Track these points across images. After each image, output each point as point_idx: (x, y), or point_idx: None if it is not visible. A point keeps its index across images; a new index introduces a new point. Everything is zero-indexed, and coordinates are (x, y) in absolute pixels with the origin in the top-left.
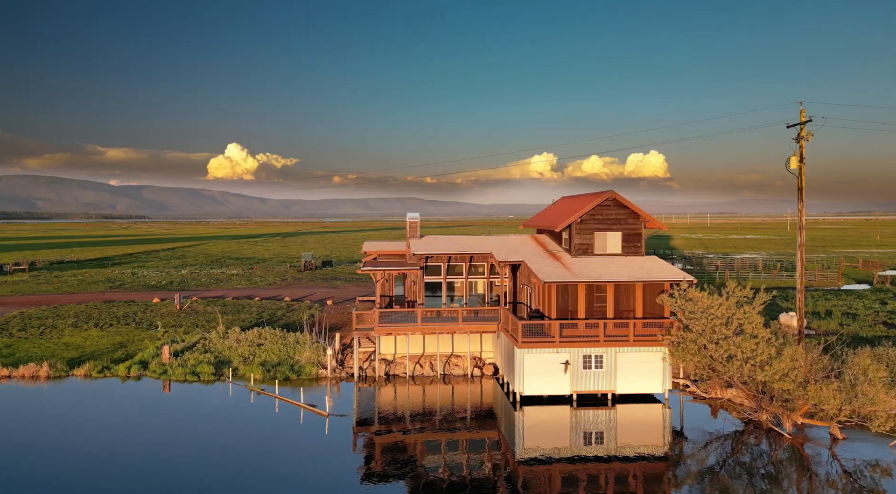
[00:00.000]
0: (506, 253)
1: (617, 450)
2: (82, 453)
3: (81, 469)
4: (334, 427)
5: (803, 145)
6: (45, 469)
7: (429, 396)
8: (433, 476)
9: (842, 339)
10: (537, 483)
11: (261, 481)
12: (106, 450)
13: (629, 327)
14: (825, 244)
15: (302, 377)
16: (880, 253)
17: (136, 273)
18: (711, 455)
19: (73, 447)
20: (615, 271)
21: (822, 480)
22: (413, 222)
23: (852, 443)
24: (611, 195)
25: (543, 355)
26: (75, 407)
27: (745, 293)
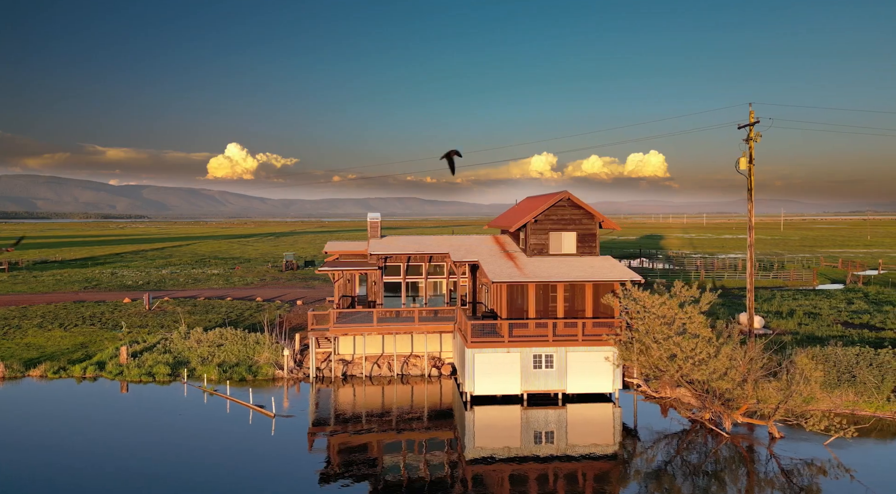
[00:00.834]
0: (462, 253)
1: (566, 449)
2: (23, 451)
3: (19, 467)
4: (280, 428)
5: (752, 146)
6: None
7: (385, 396)
8: (383, 476)
9: (796, 338)
10: (486, 482)
11: (200, 482)
12: (48, 450)
13: (578, 326)
14: (814, 244)
15: (258, 378)
16: (865, 253)
17: (116, 273)
18: (657, 454)
19: (12, 444)
20: (566, 271)
21: (760, 478)
22: (374, 222)
23: (790, 442)
24: (565, 195)
25: (494, 354)
26: (25, 407)
27: (691, 293)
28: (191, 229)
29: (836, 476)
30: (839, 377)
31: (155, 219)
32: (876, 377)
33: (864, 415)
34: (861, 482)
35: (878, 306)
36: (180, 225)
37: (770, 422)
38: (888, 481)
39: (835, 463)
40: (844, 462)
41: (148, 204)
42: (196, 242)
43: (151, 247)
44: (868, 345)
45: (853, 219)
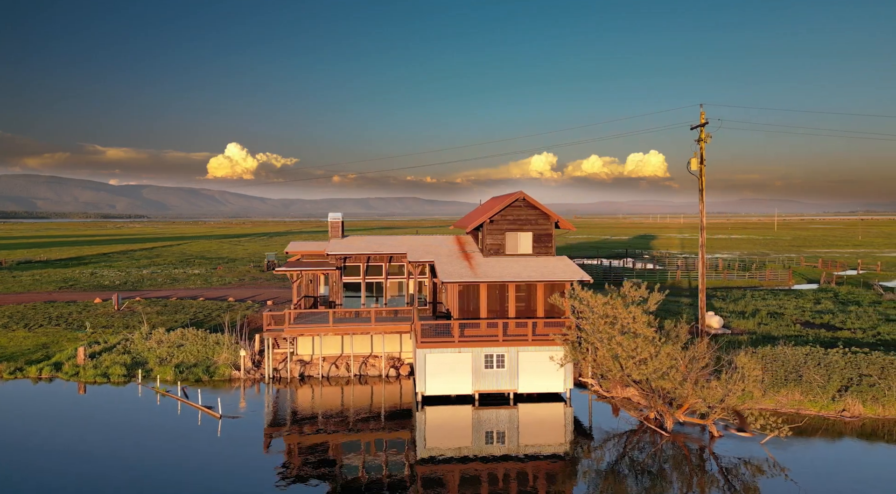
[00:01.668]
0: (419, 254)
1: (517, 449)
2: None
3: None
4: (226, 430)
5: (703, 147)
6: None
7: (341, 397)
8: (334, 476)
9: (752, 338)
10: (437, 483)
11: (139, 482)
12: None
13: (528, 326)
14: (803, 244)
15: (215, 379)
16: (851, 253)
17: (96, 273)
18: (604, 454)
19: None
20: (518, 271)
21: (699, 477)
22: (334, 222)
23: (729, 441)
24: (520, 196)
25: (445, 354)
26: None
27: (640, 293)
28: (187, 229)
29: (772, 474)
30: (786, 376)
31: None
32: (822, 376)
33: (809, 414)
34: (794, 480)
35: (844, 306)
36: (178, 225)
37: (710, 421)
38: (820, 479)
39: (770, 462)
40: (780, 461)
41: (148, 204)
42: (187, 242)
43: (141, 247)
44: (821, 345)
45: (850, 219)
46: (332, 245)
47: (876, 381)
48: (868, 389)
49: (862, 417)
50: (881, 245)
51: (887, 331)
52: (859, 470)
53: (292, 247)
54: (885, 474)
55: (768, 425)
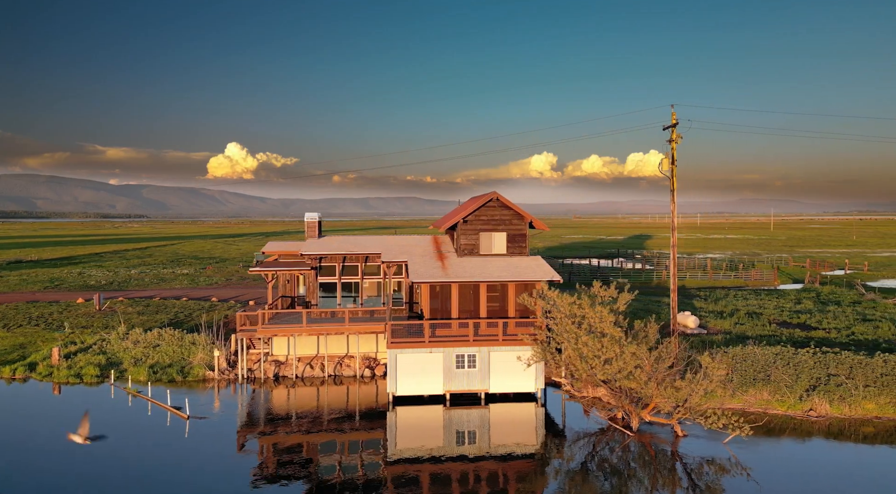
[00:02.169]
0: (393, 254)
1: (488, 449)
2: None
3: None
4: (194, 430)
5: (674, 147)
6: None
7: (314, 398)
8: (304, 477)
9: (727, 338)
10: (407, 483)
11: (102, 482)
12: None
13: (499, 326)
14: (797, 244)
15: (188, 380)
16: (843, 253)
17: (84, 273)
18: (573, 454)
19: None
20: (490, 271)
21: (664, 477)
22: (311, 222)
23: (694, 440)
24: (494, 196)
25: (416, 355)
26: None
27: (610, 293)
28: (184, 229)
29: (734, 474)
30: (755, 376)
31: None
32: (791, 376)
33: (776, 414)
34: (756, 480)
35: (824, 306)
36: (177, 225)
37: (674, 421)
38: (782, 478)
39: (733, 462)
40: (742, 461)
41: (148, 204)
42: (181, 241)
43: (134, 247)
44: (794, 345)
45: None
46: (306, 245)
47: (843, 381)
48: (835, 389)
49: (828, 416)
50: (874, 245)
51: (861, 331)
52: (821, 469)
53: (269, 247)
54: (847, 473)
55: (730, 424)
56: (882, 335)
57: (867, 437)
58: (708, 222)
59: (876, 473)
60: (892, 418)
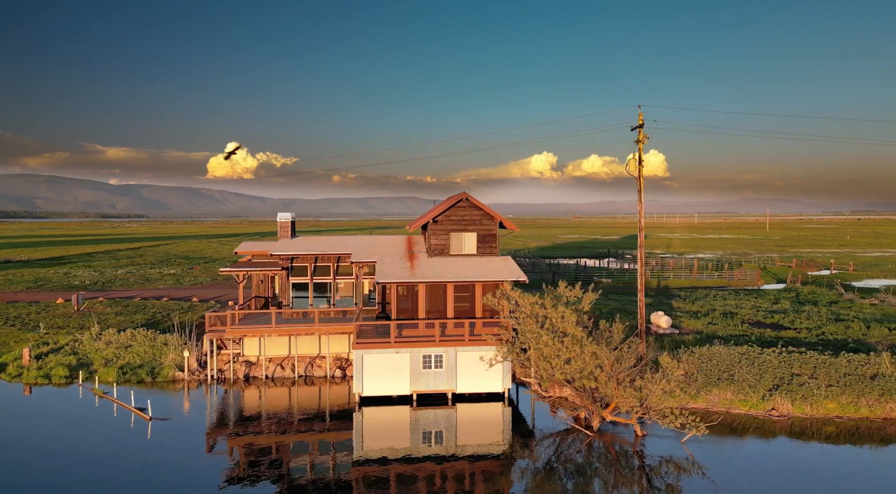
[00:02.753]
0: (364, 254)
1: (454, 450)
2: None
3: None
4: (156, 432)
5: (641, 148)
6: None
7: (283, 398)
8: (270, 477)
9: (698, 338)
10: (372, 484)
11: (66, 483)
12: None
13: (465, 327)
14: (788, 244)
15: (158, 380)
16: (833, 253)
17: (70, 273)
18: (537, 453)
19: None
20: (457, 271)
21: (622, 476)
22: (283, 223)
23: (654, 439)
24: (463, 196)
25: (383, 355)
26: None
27: (574, 293)
28: (182, 229)
29: (690, 473)
30: (719, 376)
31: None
32: (754, 376)
33: (739, 413)
34: (711, 479)
35: (800, 306)
36: (175, 224)
37: (633, 420)
38: (737, 477)
39: (690, 461)
40: (700, 460)
41: (148, 203)
42: (175, 241)
43: (127, 247)
44: (763, 344)
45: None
46: (277, 246)
47: (806, 381)
48: (798, 388)
49: (790, 416)
50: (866, 245)
51: (832, 331)
52: (777, 468)
53: (243, 247)
54: (803, 472)
55: (687, 423)
56: (852, 334)
57: (828, 436)
58: (706, 222)
59: (832, 472)
60: (853, 417)
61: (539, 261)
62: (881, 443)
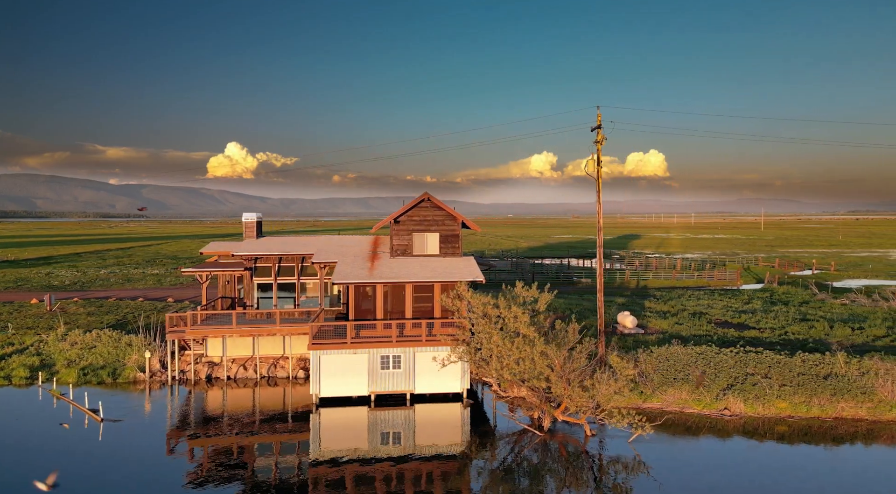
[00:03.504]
0: (326, 254)
1: (411, 450)
2: None
3: None
4: (107, 433)
5: (599, 149)
6: None
7: (244, 399)
8: (226, 479)
9: (661, 338)
10: (329, 484)
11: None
12: None
13: (422, 327)
14: (778, 244)
15: (119, 381)
16: (821, 253)
17: (52, 273)
18: (491, 453)
19: None
20: (416, 271)
21: (570, 476)
22: (248, 223)
23: (604, 439)
24: (425, 196)
25: (340, 356)
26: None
27: (531, 294)
28: (179, 229)
29: (636, 472)
30: (675, 375)
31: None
32: (709, 376)
33: (692, 413)
34: (655, 477)
35: (771, 306)
36: (174, 224)
37: (582, 420)
38: (681, 476)
39: (637, 460)
40: (647, 459)
41: (148, 203)
42: (167, 241)
43: (118, 247)
44: (724, 344)
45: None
46: (240, 246)
47: (759, 380)
48: (751, 388)
49: (743, 415)
50: (856, 245)
51: (795, 331)
52: (724, 467)
53: (210, 248)
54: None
55: (634, 423)
56: (814, 334)
57: (778, 436)
58: (703, 221)
59: (779, 470)
60: (804, 416)
61: (524, 261)
62: (831, 442)
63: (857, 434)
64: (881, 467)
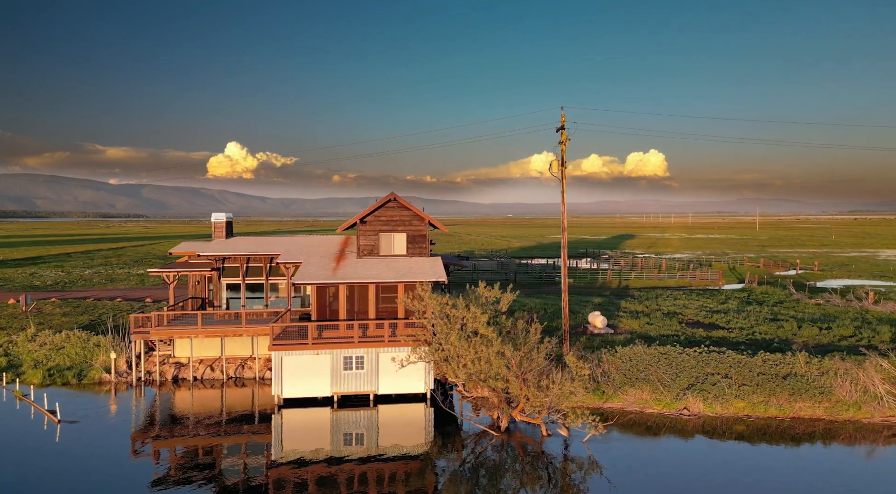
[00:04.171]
0: (292, 255)
1: (375, 451)
2: None
3: None
4: (64, 434)
5: (564, 150)
6: None
7: (210, 400)
8: (186, 481)
9: (628, 338)
10: (291, 485)
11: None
12: None
13: (385, 328)
14: (770, 244)
15: (84, 382)
16: (809, 253)
17: (37, 273)
18: (454, 454)
19: None
20: (380, 271)
21: (525, 476)
22: (218, 223)
23: (558, 439)
24: (391, 196)
25: (303, 357)
26: None
27: (494, 293)
28: (177, 229)
29: (589, 472)
30: (637, 375)
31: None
32: (670, 376)
33: (652, 413)
34: (608, 477)
35: (745, 306)
36: (173, 224)
37: (538, 420)
38: (634, 475)
39: (591, 460)
40: (602, 459)
41: (148, 203)
42: (161, 241)
43: (109, 247)
44: (690, 344)
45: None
46: (207, 246)
47: (719, 380)
48: (710, 388)
49: (701, 415)
50: (847, 245)
51: (763, 330)
52: (679, 466)
53: (181, 248)
54: (703, 468)
55: (588, 423)
56: (782, 334)
57: (737, 435)
58: (701, 221)
59: (734, 469)
60: (762, 416)
61: (510, 261)
62: (790, 442)
63: (814, 434)
64: (842, 467)
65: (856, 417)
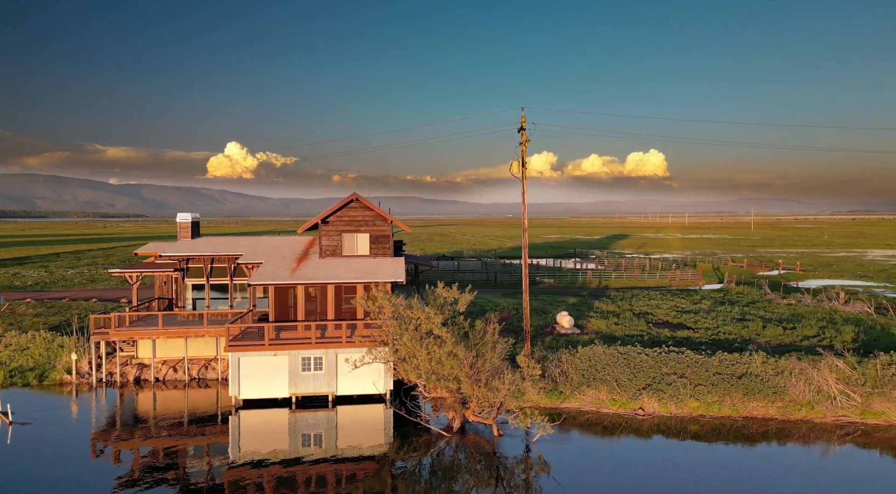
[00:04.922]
0: (254, 255)
1: (333, 452)
2: None
3: None
4: (17, 436)
5: (524, 150)
6: None
7: (172, 401)
8: (139, 482)
9: (593, 338)
10: (246, 487)
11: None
12: None
13: (343, 329)
14: (761, 244)
15: (45, 383)
16: (797, 253)
17: (19, 273)
18: (409, 454)
19: None
20: (339, 272)
21: (478, 476)
22: (183, 223)
23: (509, 440)
24: (354, 196)
25: (260, 357)
26: None
27: (453, 294)
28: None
29: (538, 471)
30: (595, 375)
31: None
32: (627, 375)
33: (608, 413)
34: (555, 477)
35: (717, 306)
36: (172, 224)
37: (490, 420)
38: (582, 474)
39: (541, 460)
40: (553, 458)
41: (148, 203)
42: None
43: (100, 247)
44: (653, 344)
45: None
46: (171, 247)
47: (675, 380)
48: (666, 387)
49: (656, 415)
50: (837, 245)
51: (728, 331)
52: (631, 466)
53: (148, 248)
54: (654, 467)
55: (537, 423)
56: (746, 334)
57: (692, 435)
58: (698, 221)
59: (684, 468)
60: (716, 415)
61: (494, 261)
62: (744, 442)
63: (768, 434)
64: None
65: (808, 416)
